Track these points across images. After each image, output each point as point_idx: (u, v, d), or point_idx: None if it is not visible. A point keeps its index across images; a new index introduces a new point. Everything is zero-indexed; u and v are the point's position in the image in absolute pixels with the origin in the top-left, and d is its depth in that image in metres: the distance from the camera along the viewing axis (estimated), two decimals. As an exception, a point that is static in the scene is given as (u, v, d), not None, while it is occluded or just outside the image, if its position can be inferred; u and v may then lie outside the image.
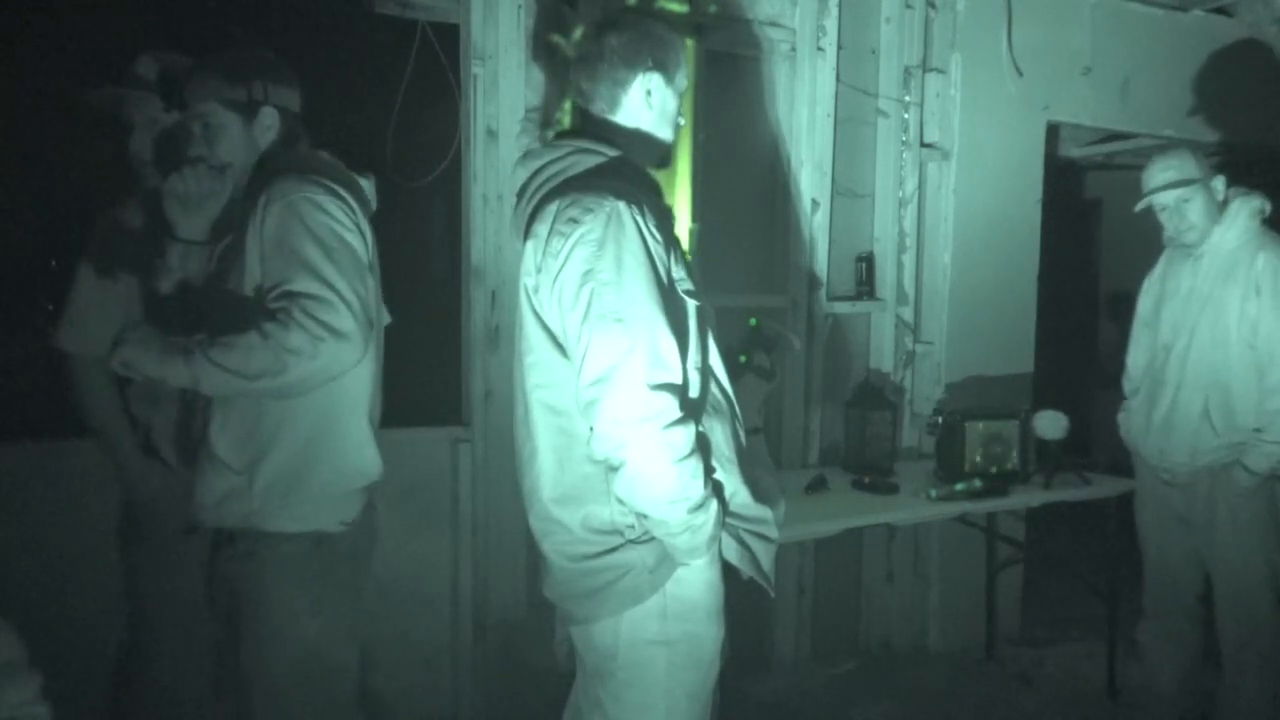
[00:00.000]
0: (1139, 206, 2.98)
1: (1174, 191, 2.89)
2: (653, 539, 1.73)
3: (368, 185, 2.02)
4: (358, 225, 1.89)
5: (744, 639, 1.89)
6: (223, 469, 1.86)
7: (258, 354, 1.71)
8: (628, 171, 1.80)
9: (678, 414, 1.65)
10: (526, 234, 1.81)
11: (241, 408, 1.84)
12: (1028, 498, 3.38)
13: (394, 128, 3.07)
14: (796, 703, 3.48)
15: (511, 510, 3.09)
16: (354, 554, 1.97)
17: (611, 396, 1.62)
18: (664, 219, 1.79)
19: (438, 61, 3.08)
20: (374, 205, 2.03)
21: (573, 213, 1.70)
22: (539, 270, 1.75)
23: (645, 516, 1.70)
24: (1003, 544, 3.97)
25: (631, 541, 1.74)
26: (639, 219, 1.70)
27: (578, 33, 3.14)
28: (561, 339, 1.73)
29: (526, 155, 1.92)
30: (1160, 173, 2.93)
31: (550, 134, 3.08)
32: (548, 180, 1.80)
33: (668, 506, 1.66)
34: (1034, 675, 3.79)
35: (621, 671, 1.77)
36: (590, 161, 1.79)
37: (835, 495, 3.20)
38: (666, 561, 1.74)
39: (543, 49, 3.11)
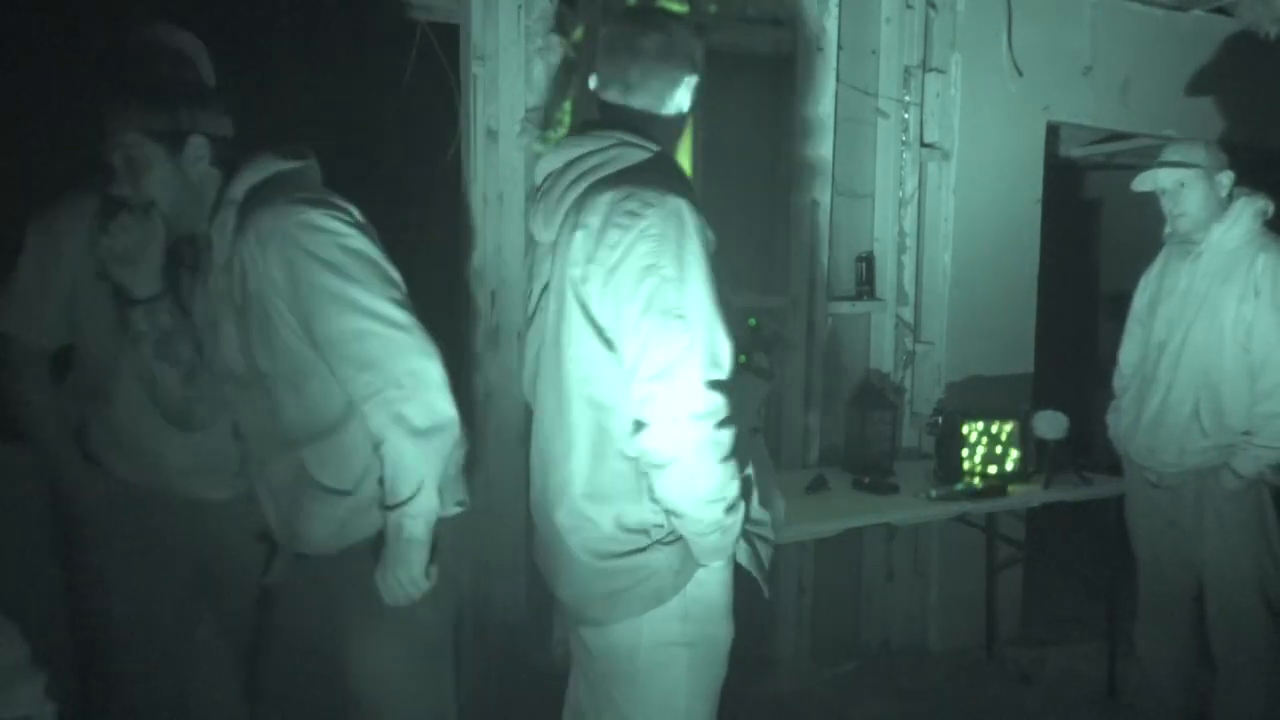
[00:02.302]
0: (1138, 181, 2.97)
1: (1174, 172, 2.89)
2: (677, 540, 1.73)
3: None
4: (358, 226, 1.78)
5: (744, 639, 1.89)
6: (330, 497, 1.80)
7: (404, 475, 1.70)
8: (673, 169, 1.80)
9: (726, 413, 1.66)
10: (569, 224, 1.76)
11: (332, 440, 1.79)
12: (1028, 498, 3.39)
13: (394, 128, 3.07)
14: (796, 703, 3.48)
15: (512, 510, 3.09)
16: (456, 542, 1.90)
17: (670, 392, 1.63)
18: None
19: (438, 61, 3.08)
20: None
21: (631, 205, 1.68)
22: (589, 261, 1.71)
23: (677, 516, 1.70)
24: (1003, 544, 3.98)
25: (658, 542, 1.74)
26: (697, 218, 1.70)
27: (578, 33, 3.15)
28: (609, 332, 1.71)
29: (561, 143, 1.89)
30: (1168, 154, 2.95)
31: (559, 130, 3.08)
32: (592, 170, 1.77)
33: (706, 506, 1.67)
34: (1034, 675, 3.79)
35: (643, 674, 1.77)
36: (637, 156, 1.77)
37: (835, 495, 3.20)
38: (689, 563, 1.74)
39: (543, 49, 3.11)
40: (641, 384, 1.65)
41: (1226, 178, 2.91)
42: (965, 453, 3.37)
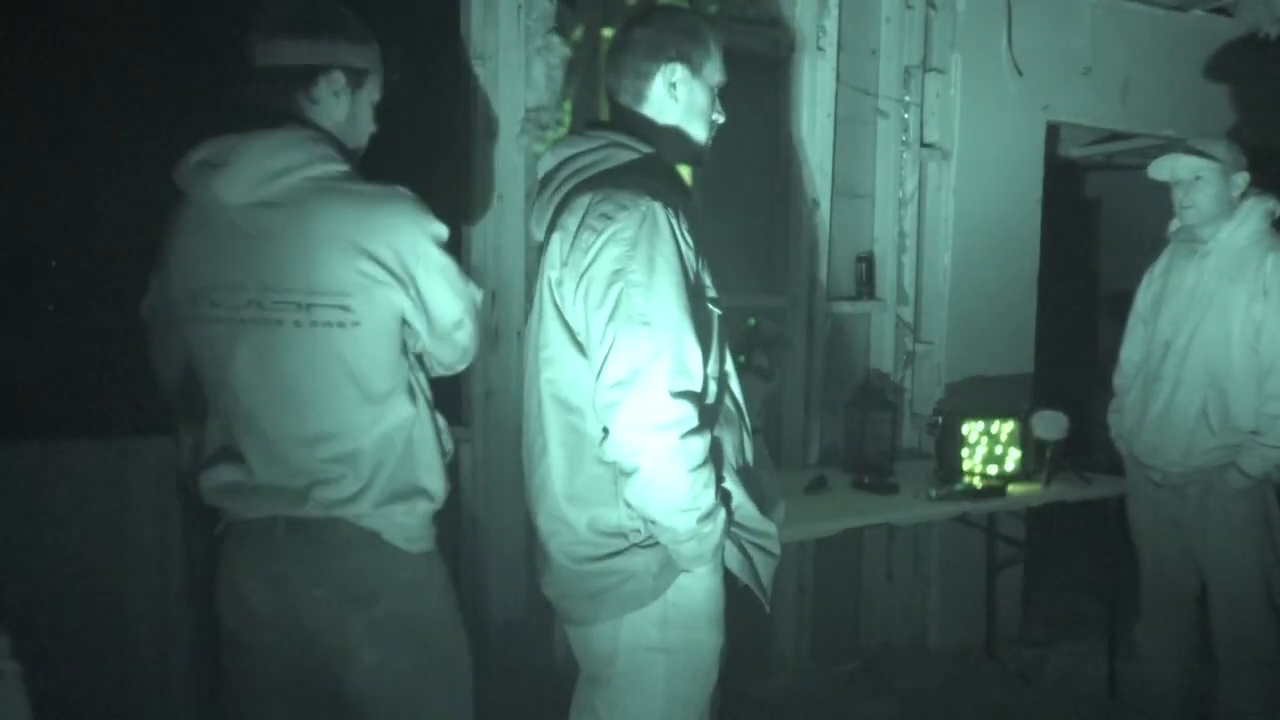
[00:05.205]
0: (1154, 167, 2.95)
1: (1192, 163, 2.87)
2: (656, 544, 1.71)
3: None
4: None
5: (744, 639, 1.89)
6: None
7: None
8: (660, 170, 1.76)
9: (695, 422, 1.62)
10: (552, 225, 1.77)
11: None
12: (1028, 498, 3.38)
13: (393, 128, 3.06)
14: (796, 703, 3.48)
15: (512, 510, 3.09)
16: None
17: (632, 401, 1.59)
18: (693, 223, 1.74)
19: (438, 61, 3.08)
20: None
21: (606, 208, 1.65)
22: (564, 264, 1.70)
23: (652, 523, 1.68)
24: (1003, 544, 3.97)
25: (636, 545, 1.72)
26: (673, 221, 1.66)
27: (578, 33, 3.15)
28: (581, 336, 1.70)
29: (557, 143, 1.88)
30: (1190, 143, 2.95)
31: (559, 130, 3.08)
32: (578, 171, 1.76)
33: (678, 515, 1.63)
34: (1034, 675, 3.79)
35: (619, 678, 1.75)
36: (624, 157, 1.75)
37: (835, 495, 3.20)
38: (669, 567, 1.72)
39: (543, 49, 3.11)
40: (604, 391, 1.61)
41: (1242, 178, 2.89)
42: (965, 453, 3.37)
